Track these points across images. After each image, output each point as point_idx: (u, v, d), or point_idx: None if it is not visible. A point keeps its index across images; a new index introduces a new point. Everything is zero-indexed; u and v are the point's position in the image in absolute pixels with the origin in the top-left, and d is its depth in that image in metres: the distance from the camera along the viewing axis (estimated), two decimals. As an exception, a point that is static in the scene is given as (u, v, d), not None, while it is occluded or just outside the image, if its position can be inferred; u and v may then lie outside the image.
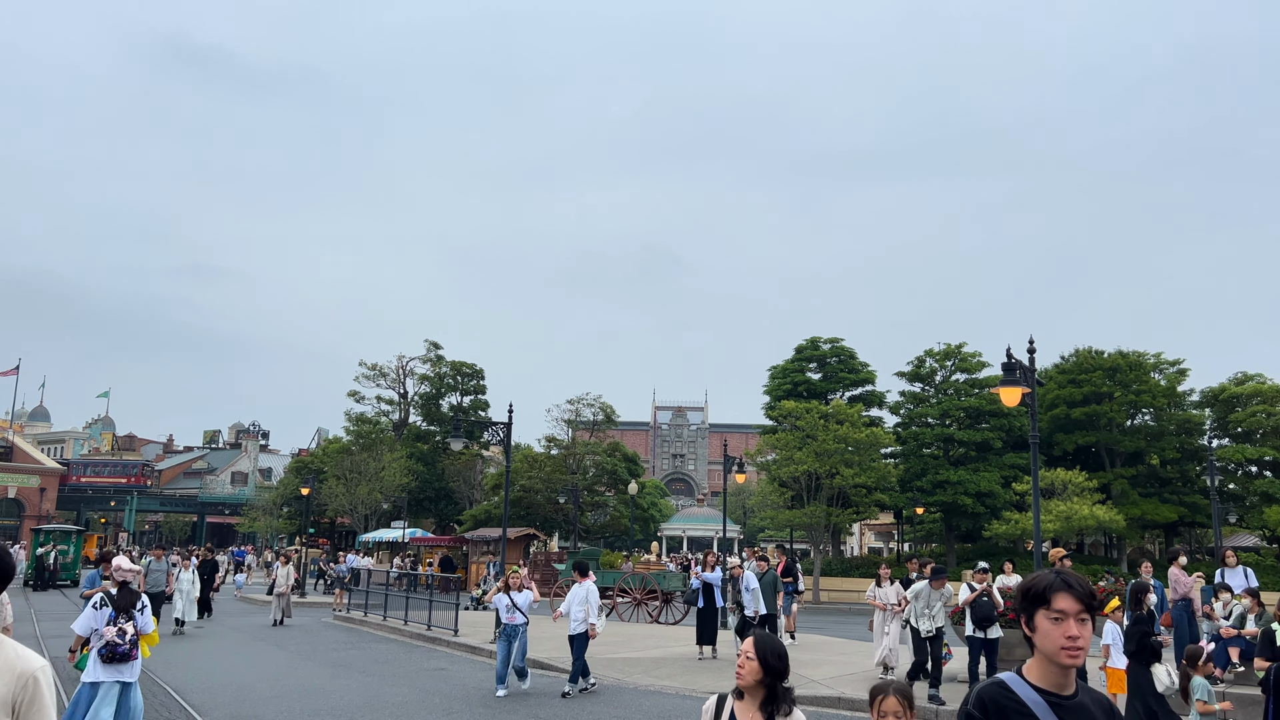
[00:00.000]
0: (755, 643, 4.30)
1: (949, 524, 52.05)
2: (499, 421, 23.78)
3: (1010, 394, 14.30)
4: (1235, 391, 51.89)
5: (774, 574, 18.47)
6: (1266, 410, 50.79)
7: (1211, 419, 53.08)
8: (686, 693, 15.28)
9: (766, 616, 18.22)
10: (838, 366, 56.05)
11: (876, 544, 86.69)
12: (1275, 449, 49.53)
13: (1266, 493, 47.93)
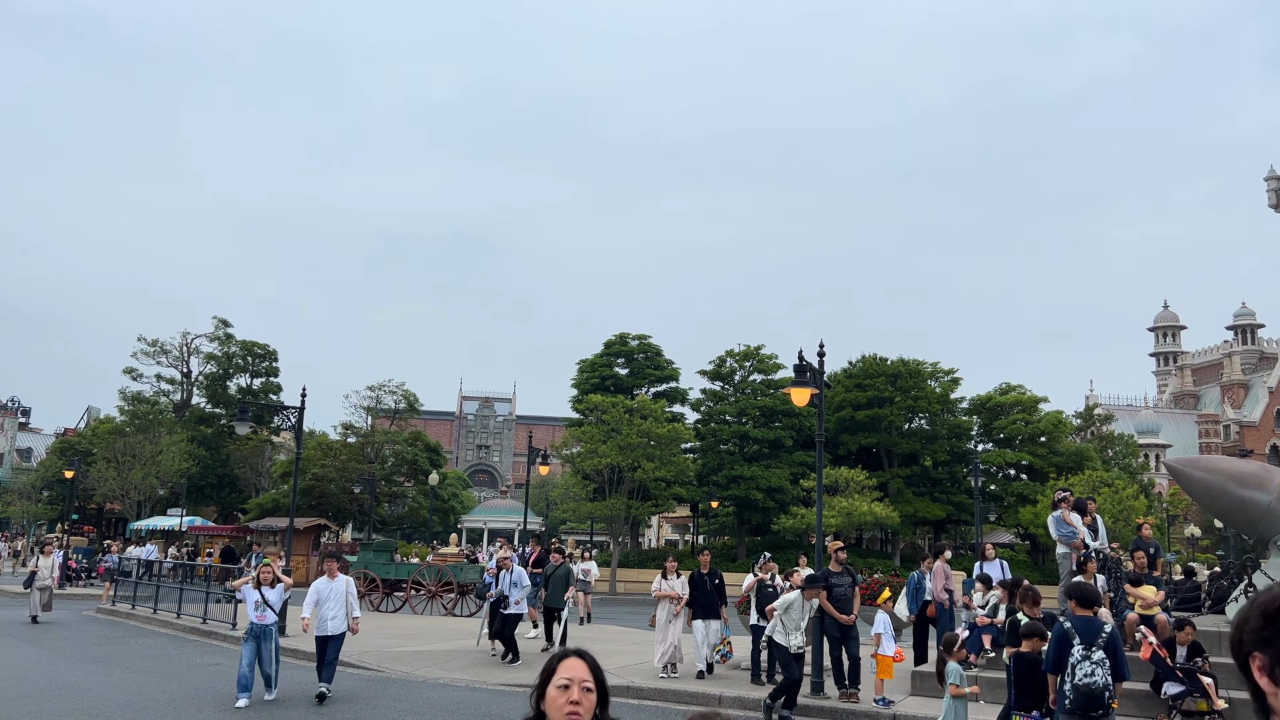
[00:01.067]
0: (591, 668, 3.04)
1: (741, 517, 54.14)
2: (291, 406, 22.66)
3: (800, 395, 14.96)
4: (999, 400, 56.74)
5: (567, 567, 18.46)
6: (1025, 419, 55.84)
7: (978, 425, 57.81)
8: (476, 685, 15.13)
9: (554, 610, 18.12)
10: (644, 363, 57.13)
11: (673, 536, 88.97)
12: (1031, 454, 54.55)
13: (1022, 494, 52.66)
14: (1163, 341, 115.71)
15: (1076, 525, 15.66)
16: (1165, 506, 62.17)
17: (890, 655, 13.50)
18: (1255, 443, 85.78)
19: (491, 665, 16.97)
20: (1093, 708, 8.07)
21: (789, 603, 13.10)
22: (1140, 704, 12.93)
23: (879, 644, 13.58)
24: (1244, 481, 16.81)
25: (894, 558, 53.22)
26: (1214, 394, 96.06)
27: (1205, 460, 18.72)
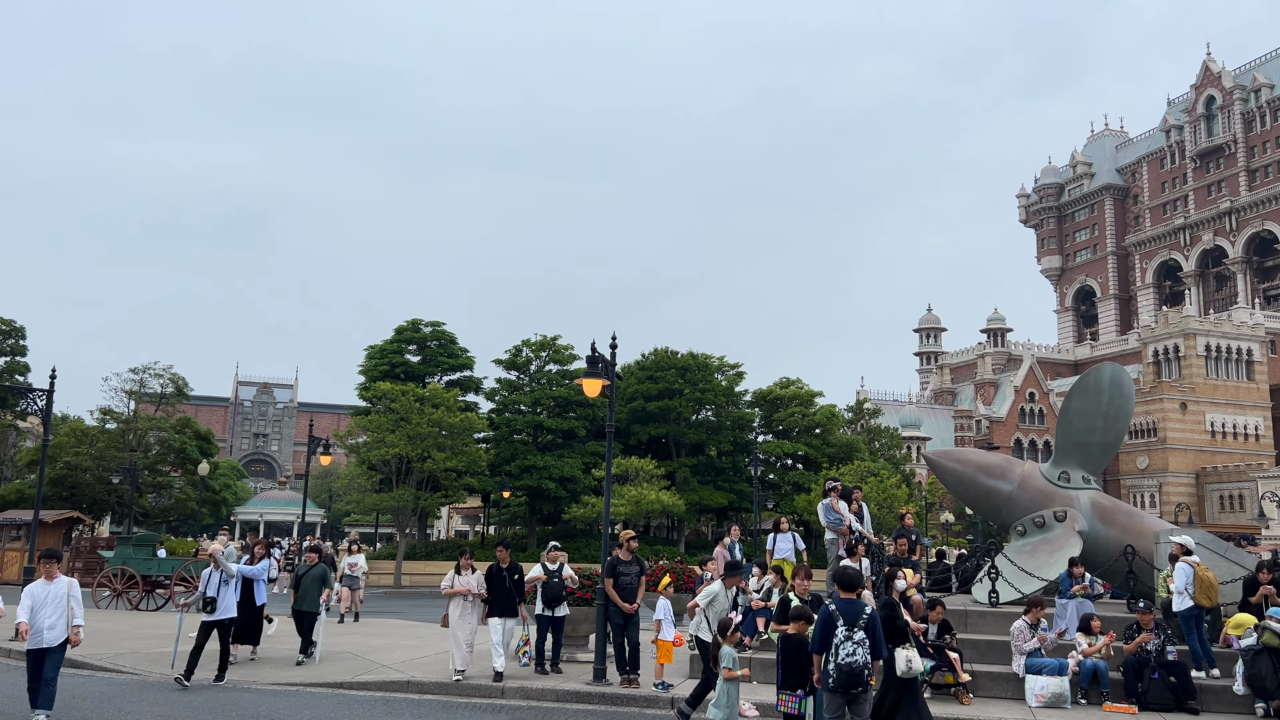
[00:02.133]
0: None
1: (533, 507, 54.11)
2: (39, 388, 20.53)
3: (592, 385, 15.09)
4: (779, 394, 59.55)
5: (322, 568, 16.73)
6: (802, 411, 58.89)
7: (760, 417, 60.44)
8: (246, 685, 14.28)
9: (306, 614, 16.10)
10: (438, 350, 55.92)
11: (464, 527, 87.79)
12: (807, 445, 57.61)
13: (798, 483, 55.48)
14: (926, 342, 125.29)
15: (844, 513, 16.65)
16: (924, 495, 67.38)
17: (670, 640, 13.84)
18: (1002, 437, 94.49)
19: (263, 664, 16.08)
20: (853, 684, 8.60)
21: (713, 595, 12.52)
22: (896, 678, 13.90)
23: (659, 630, 13.89)
24: (990, 472, 18.45)
25: (679, 544, 54.82)
26: (969, 391, 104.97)
27: (958, 452, 20.35)
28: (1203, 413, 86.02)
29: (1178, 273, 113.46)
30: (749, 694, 12.66)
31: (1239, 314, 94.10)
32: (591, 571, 16.70)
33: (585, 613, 15.65)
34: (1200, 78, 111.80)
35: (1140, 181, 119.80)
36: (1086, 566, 16.51)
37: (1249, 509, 72.98)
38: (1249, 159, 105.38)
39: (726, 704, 10.01)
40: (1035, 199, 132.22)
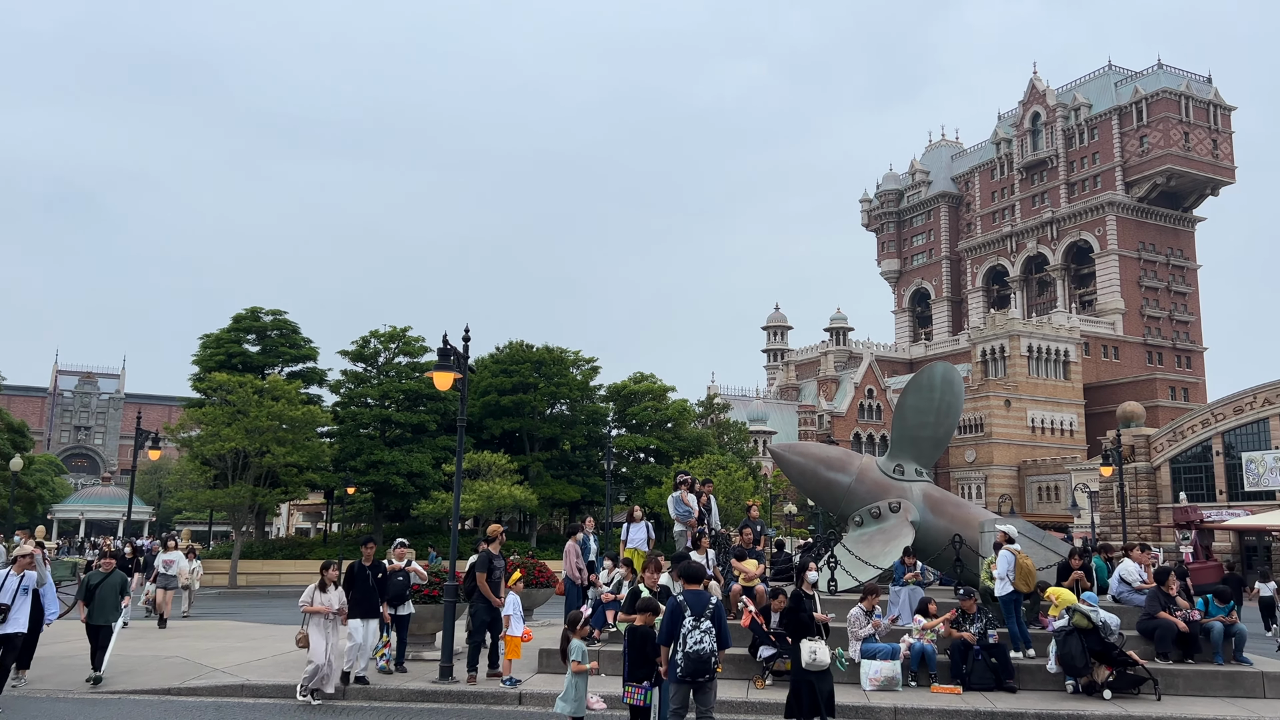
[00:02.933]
0: None
1: (380, 503, 52.71)
2: None
3: (443, 378, 14.77)
4: (633, 389, 60.13)
5: (120, 575, 14.46)
6: (655, 406, 59.65)
7: (614, 411, 60.86)
8: (61, 695, 13.33)
9: (103, 629, 14.08)
10: (279, 340, 53.64)
11: (304, 525, 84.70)
12: (659, 439, 58.39)
13: (650, 476, 56.17)
14: (773, 340, 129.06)
15: (693, 505, 16.93)
16: (769, 487, 69.42)
17: (519, 635, 13.74)
18: (842, 431, 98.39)
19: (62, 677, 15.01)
20: (700, 672, 8.78)
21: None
22: (740, 667, 14.24)
23: (508, 625, 13.78)
24: (830, 465, 19.13)
25: (531, 539, 54.56)
26: (812, 387, 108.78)
27: (801, 446, 21.01)
28: (1025, 409, 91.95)
29: (1005, 277, 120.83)
30: (597, 687, 12.70)
31: (1058, 318, 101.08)
32: (439, 568, 16.42)
33: (433, 610, 15.36)
34: (1027, 95, 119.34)
35: (973, 190, 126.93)
36: (918, 555, 17.34)
37: (1064, 499, 78.58)
38: (1069, 173, 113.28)
39: (575, 697, 10.01)
40: (877, 204, 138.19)
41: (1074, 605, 13.62)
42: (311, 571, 47.44)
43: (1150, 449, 66.08)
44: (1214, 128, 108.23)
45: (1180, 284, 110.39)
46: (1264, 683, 13.87)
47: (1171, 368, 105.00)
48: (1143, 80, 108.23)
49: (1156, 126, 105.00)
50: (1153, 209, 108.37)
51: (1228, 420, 62.07)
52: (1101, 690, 13.19)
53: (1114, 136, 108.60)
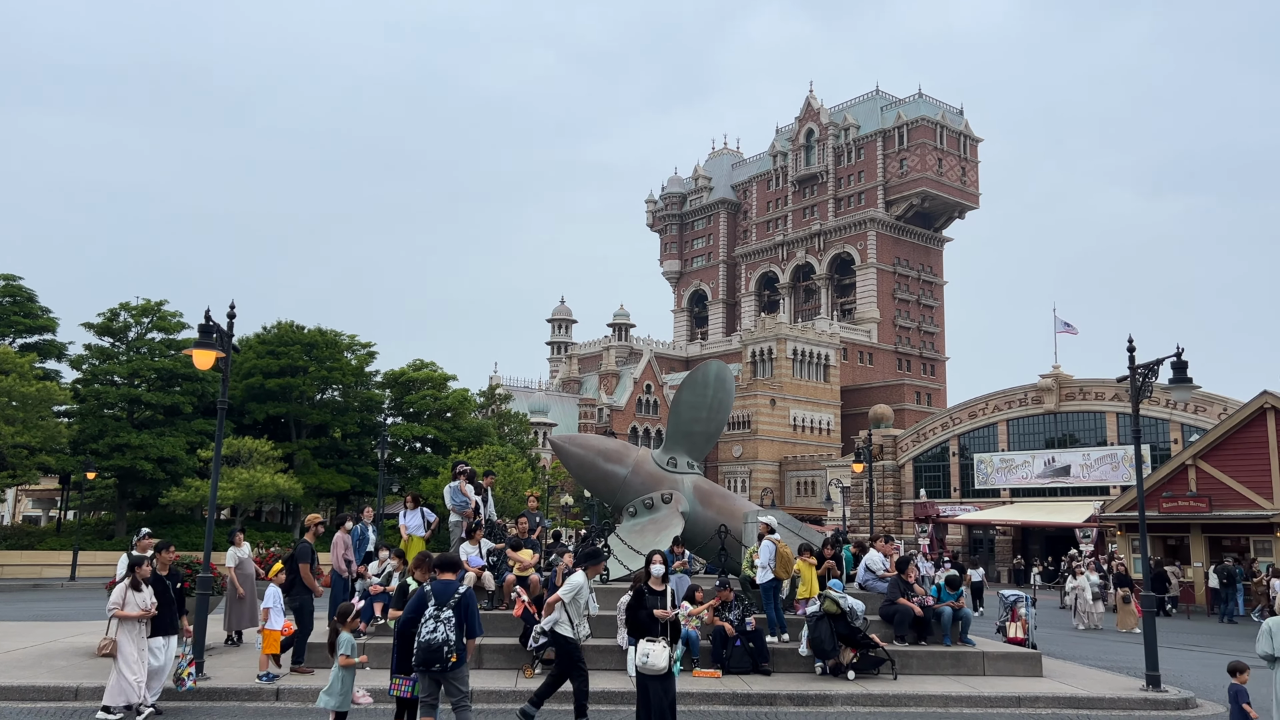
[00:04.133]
0: None
1: (124, 490, 48.64)
2: None
3: (204, 357, 13.82)
4: (412, 376, 58.65)
5: None
6: (434, 394, 58.46)
7: (390, 399, 59.11)
8: None
9: None
10: (11, 308, 48.28)
11: (34, 512, 76.82)
12: (437, 429, 57.27)
13: (425, 466, 54.99)
14: (557, 332, 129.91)
15: (470, 496, 16.76)
16: (548, 478, 69.75)
17: (278, 629, 13.11)
18: (621, 425, 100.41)
19: None
20: (431, 661, 8.68)
21: (576, 587, 11.00)
22: (510, 656, 14.26)
23: (266, 618, 13.11)
24: (609, 457, 19.48)
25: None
26: (594, 381, 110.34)
27: (580, 438, 21.26)
28: (788, 409, 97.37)
29: (776, 284, 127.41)
30: (365, 680, 12.34)
31: (821, 324, 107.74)
32: (191, 560, 15.40)
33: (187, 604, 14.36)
34: (803, 112, 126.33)
35: (751, 199, 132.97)
36: (687, 544, 17.99)
37: (820, 494, 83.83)
38: (837, 188, 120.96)
39: (340, 690, 9.69)
40: (661, 206, 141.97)
41: (825, 593, 14.59)
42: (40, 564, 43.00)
43: (896, 449, 71.69)
44: (964, 156, 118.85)
45: (929, 298, 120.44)
46: (984, 661, 15.41)
47: (918, 374, 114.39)
48: (905, 107, 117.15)
49: (915, 151, 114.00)
50: (908, 227, 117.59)
51: (964, 424, 68.34)
52: (846, 671, 14.20)
53: (878, 157, 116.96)
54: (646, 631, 10.07)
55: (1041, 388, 63.39)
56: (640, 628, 10.19)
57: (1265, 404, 36.38)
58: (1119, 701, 13.82)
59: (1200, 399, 54.64)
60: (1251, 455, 36.46)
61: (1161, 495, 38.18)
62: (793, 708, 12.93)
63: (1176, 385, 15.99)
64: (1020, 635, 20.47)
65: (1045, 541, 62.65)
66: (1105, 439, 60.85)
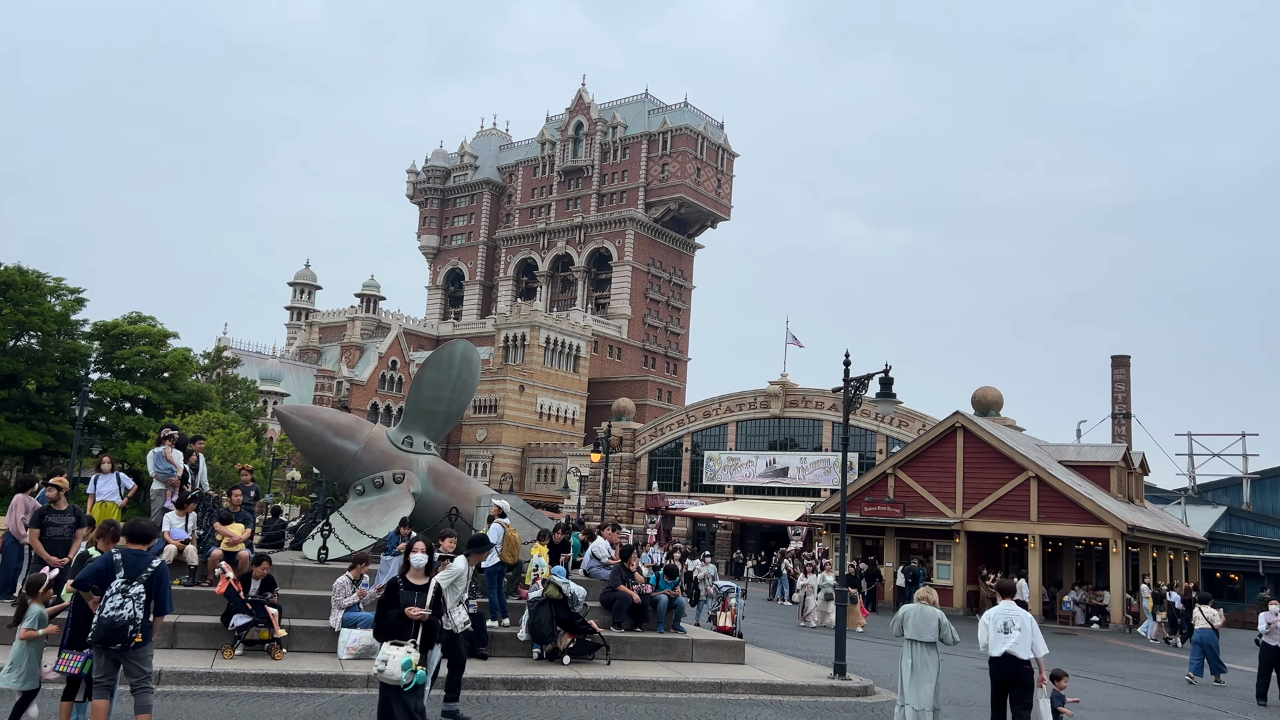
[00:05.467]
0: None
1: None
2: None
3: None
4: (127, 330, 53.57)
5: None
6: (151, 352, 53.70)
7: (99, 352, 53.70)
8: None
9: None
10: None
11: None
12: (152, 389, 52.65)
13: (134, 428, 50.43)
14: (300, 298, 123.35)
15: (176, 463, 15.50)
16: (274, 450, 66.02)
17: None
18: (362, 400, 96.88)
19: None
20: (113, 640, 8.01)
21: (457, 574, 10.35)
22: (209, 636, 13.31)
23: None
24: (339, 431, 18.68)
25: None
26: (335, 352, 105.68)
27: (310, 409, 20.26)
28: (536, 396, 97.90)
29: (534, 270, 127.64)
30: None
31: (575, 315, 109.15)
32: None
33: None
34: (574, 104, 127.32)
35: (516, 183, 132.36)
36: (416, 526, 17.58)
37: (559, 481, 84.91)
38: (601, 184, 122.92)
39: (25, 666, 8.62)
40: (424, 178, 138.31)
41: (548, 577, 14.73)
42: None
43: (635, 441, 73.94)
44: (721, 169, 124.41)
45: (678, 300, 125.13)
46: (693, 648, 16.15)
47: (662, 372, 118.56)
48: (671, 114, 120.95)
49: (677, 158, 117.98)
50: (665, 231, 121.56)
51: (698, 422, 71.57)
52: (563, 656, 14.41)
53: (642, 159, 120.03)
54: (394, 634, 8.77)
55: (769, 393, 67.55)
56: (389, 629, 8.85)
57: (956, 423, 40.64)
58: (808, 688, 14.93)
59: (904, 414, 60.29)
60: (942, 468, 40.61)
61: (864, 500, 41.72)
62: (505, 692, 12.94)
63: (882, 399, 17.49)
64: (729, 624, 21.70)
65: (761, 537, 66.83)
66: (821, 445, 65.78)
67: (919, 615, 11.93)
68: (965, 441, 40.14)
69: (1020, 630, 11.53)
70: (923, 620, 11.83)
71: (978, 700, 15.05)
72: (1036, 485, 37.87)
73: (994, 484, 38.92)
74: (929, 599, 12.23)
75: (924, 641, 11.78)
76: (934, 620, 11.80)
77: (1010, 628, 11.60)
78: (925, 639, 11.77)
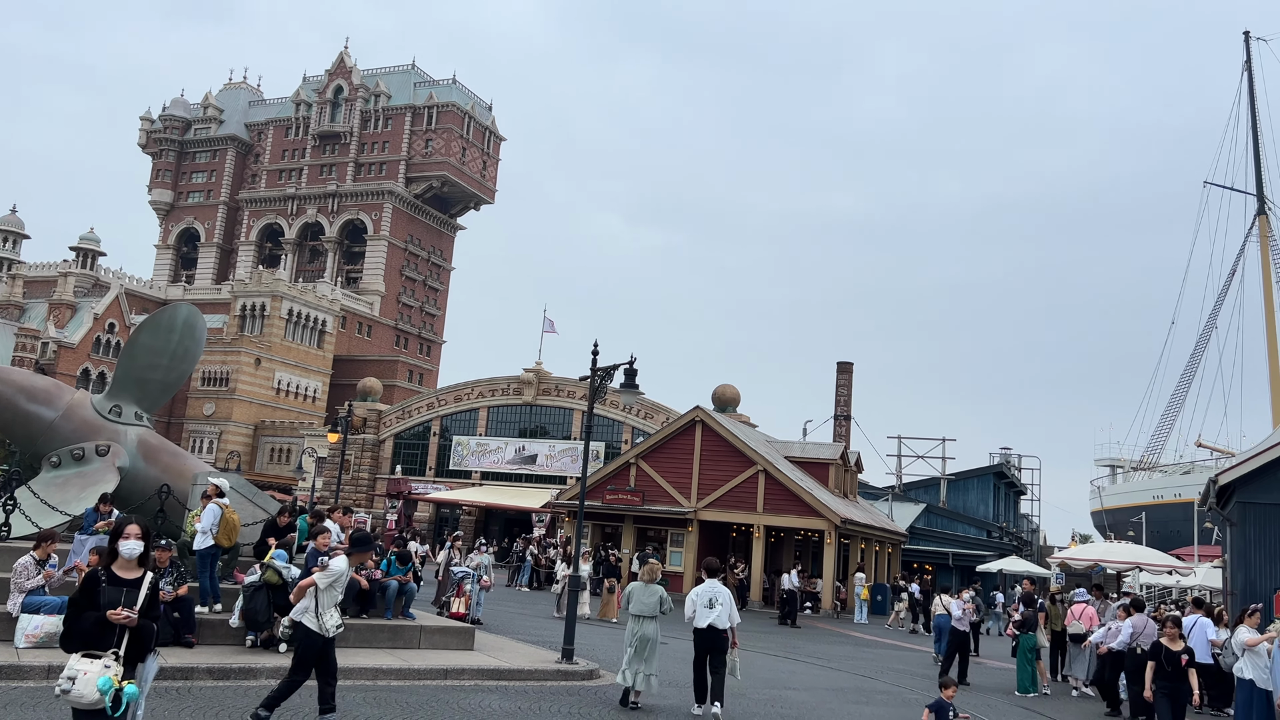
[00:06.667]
0: None
1: None
2: None
3: None
4: None
5: None
6: None
7: None
8: None
9: None
10: None
11: None
12: None
13: None
14: (3, 247, 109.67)
15: None
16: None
17: None
18: (71, 364, 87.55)
19: None
20: None
21: (337, 574, 9.72)
22: None
23: None
24: (34, 396, 16.77)
25: None
26: (42, 309, 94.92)
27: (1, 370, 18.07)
28: (274, 370, 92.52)
29: (280, 237, 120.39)
30: None
31: (323, 287, 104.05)
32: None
33: None
34: (335, 66, 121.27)
35: (265, 143, 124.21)
36: (122, 503, 16.12)
37: (294, 462, 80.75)
38: (359, 153, 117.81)
39: None
40: (160, 127, 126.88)
41: (267, 562, 13.93)
42: None
43: (380, 424, 71.70)
44: (487, 151, 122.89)
45: (436, 281, 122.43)
46: (421, 635, 15.83)
47: (415, 353, 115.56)
48: (439, 89, 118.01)
49: (442, 135, 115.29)
50: (425, 208, 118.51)
51: (449, 406, 70.44)
52: (279, 644, 13.65)
53: (405, 132, 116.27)
54: (89, 643, 6.56)
55: (523, 380, 67.65)
56: (81, 636, 6.60)
57: (696, 417, 42.44)
58: (535, 673, 15.03)
59: (650, 407, 62.28)
60: (681, 459, 42.28)
61: (606, 488, 42.69)
62: (211, 682, 12.09)
63: (625, 390, 17.91)
64: (462, 610, 21.48)
65: (505, 524, 66.82)
66: (571, 433, 66.67)
67: (643, 591, 13.31)
68: (704, 435, 41.99)
69: (721, 605, 12.98)
70: (647, 595, 13.23)
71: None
72: (764, 479, 40.27)
73: (727, 476, 40.99)
74: (652, 577, 13.55)
75: (646, 616, 13.16)
76: (656, 596, 13.25)
77: (714, 603, 12.98)
78: (647, 613, 13.16)
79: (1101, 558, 37.90)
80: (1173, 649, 13.25)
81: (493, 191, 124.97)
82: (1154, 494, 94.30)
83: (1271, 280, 78.25)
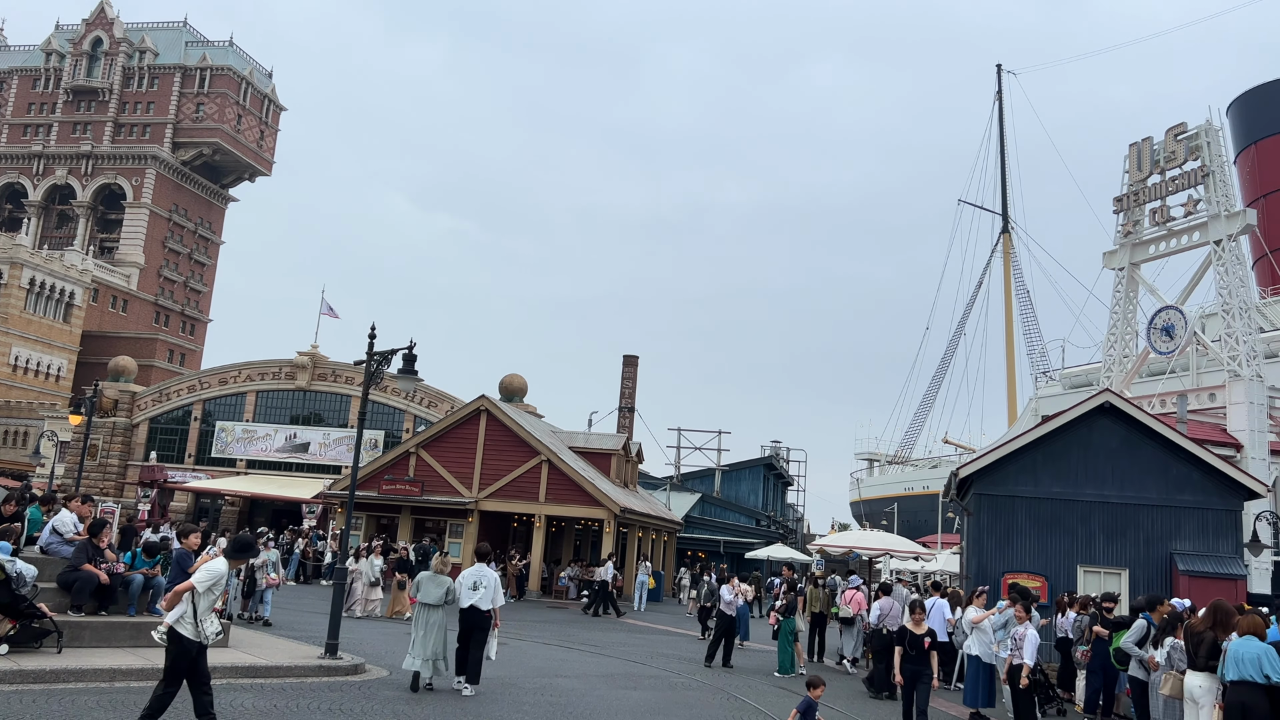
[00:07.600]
0: None
1: None
2: None
3: None
4: None
5: None
6: None
7: None
8: None
9: None
10: None
11: None
12: None
13: None
14: None
15: None
16: None
17: None
18: None
19: None
20: None
21: (217, 576, 9.07)
22: None
23: None
24: None
25: None
26: None
27: None
28: (11, 346, 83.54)
29: (23, 199, 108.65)
30: None
31: (72, 256, 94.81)
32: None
33: None
34: (94, 16, 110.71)
35: (8, 93, 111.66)
36: None
37: (30, 446, 73.18)
38: (119, 112, 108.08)
39: None
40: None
41: (-14, 555, 12.52)
42: None
43: (134, 406, 66.26)
44: (265, 120, 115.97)
45: (203, 255, 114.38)
46: (169, 631, 14.69)
47: (176, 332, 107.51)
48: (213, 51, 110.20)
49: (215, 100, 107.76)
50: (194, 176, 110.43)
51: (213, 389, 66.00)
52: (0, 645, 12.33)
53: (173, 94, 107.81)
54: None
55: (297, 364, 64.40)
56: None
57: (481, 406, 41.93)
58: (295, 669, 14.34)
59: (433, 395, 60.96)
60: (464, 449, 41.64)
61: (384, 478, 41.43)
62: (-90, 692, 10.71)
63: (403, 376, 17.39)
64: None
65: (273, 514, 63.43)
66: (348, 421, 64.12)
67: (431, 581, 14.18)
68: (488, 424, 41.57)
69: (485, 588, 13.81)
70: (434, 585, 14.08)
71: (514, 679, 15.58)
72: (547, 469, 40.38)
73: (510, 466, 40.79)
74: (441, 569, 14.50)
75: (433, 605, 13.94)
76: (444, 586, 14.09)
77: (479, 585, 13.81)
78: (434, 602, 13.95)
79: (856, 545, 40.69)
80: (917, 633, 14.31)
81: (270, 163, 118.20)
82: (905, 486, 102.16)
83: (1012, 292, 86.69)
